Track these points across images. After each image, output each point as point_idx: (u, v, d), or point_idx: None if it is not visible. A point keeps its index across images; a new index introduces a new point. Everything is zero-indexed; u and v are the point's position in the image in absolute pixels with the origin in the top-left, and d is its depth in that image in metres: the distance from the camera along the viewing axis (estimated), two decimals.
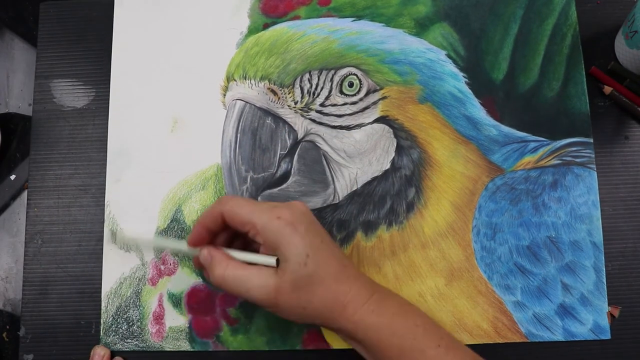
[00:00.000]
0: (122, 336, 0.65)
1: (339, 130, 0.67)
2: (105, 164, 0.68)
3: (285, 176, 0.66)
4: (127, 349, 0.64)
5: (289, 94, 0.66)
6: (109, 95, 0.70)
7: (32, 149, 0.69)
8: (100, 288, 0.66)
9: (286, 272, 0.50)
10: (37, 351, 0.65)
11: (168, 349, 0.64)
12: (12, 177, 0.70)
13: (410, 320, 0.51)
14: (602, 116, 0.68)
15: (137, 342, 0.64)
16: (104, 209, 0.67)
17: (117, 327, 0.65)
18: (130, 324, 0.65)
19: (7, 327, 0.67)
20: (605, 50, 0.70)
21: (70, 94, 0.70)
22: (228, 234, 0.57)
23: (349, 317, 0.51)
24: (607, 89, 0.67)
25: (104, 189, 0.68)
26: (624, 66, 0.68)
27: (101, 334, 0.65)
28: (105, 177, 0.68)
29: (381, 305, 0.51)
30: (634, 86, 0.68)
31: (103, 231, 0.67)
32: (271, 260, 0.52)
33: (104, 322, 0.65)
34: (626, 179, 0.66)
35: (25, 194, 0.69)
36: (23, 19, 0.74)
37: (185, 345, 0.64)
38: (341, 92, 0.67)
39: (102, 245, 0.67)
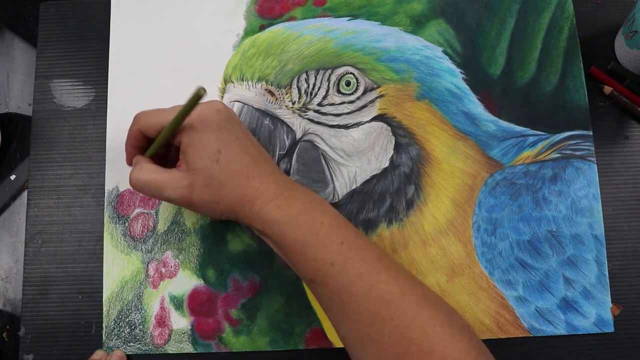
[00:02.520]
0: (124, 340, 0.61)
1: (337, 129, 0.63)
2: (105, 164, 0.65)
3: None
4: (130, 353, 0.60)
5: (286, 94, 0.63)
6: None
7: (32, 149, 0.66)
8: (100, 288, 0.62)
9: (199, 169, 0.49)
10: (37, 351, 0.61)
11: (171, 352, 0.60)
12: (12, 177, 0.67)
13: (317, 217, 0.50)
14: (602, 116, 0.64)
15: (139, 346, 0.60)
16: (103, 209, 0.64)
17: (119, 330, 0.61)
18: (133, 327, 0.61)
19: (7, 327, 0.63)
20: (605, 50, 0.66)
21: (70, 94, 0.67)
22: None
23: (257, 211, 0.50)
24: (607, 89, 0.64)
25: (104, 189, 0.64)
26: (624, 66, 0.65)
27: (103, 338, 0.61)
28: (105, 177, 0.65)
29: (289, 201, 0.50)
30: (634, 86, 0.64)
31: (103, 231, 0.63)
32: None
33: (105, 326, 0.61)
34: (626, 179, 0.63)
35: (25, 194, 0.66)
36: (23, 19, 0.71)
37: (188, 348, 0.60)
38: (338, 92, 0.63)
39: (102, 245, 0.63)
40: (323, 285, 0.48)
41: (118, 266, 0.62)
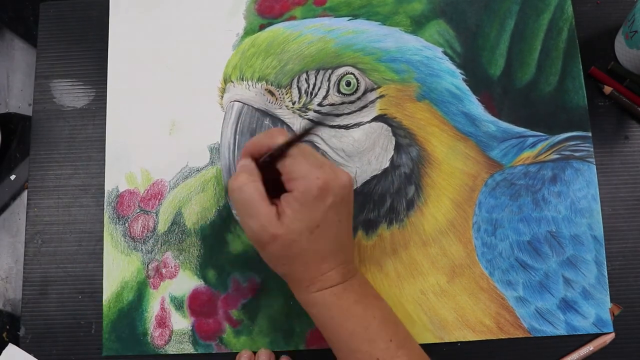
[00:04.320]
0: (124, 341, 0.59)
1: (337, 129, 0.61)
2: (105, 164, 0.63)
3: None
4: (130, 354, 0.59)
5: (286, 94, 0.61)
6: None
7: (32, 149, 0.64)
8: (100, 288, 0.60)
9: (292, 230, 0.46)
10: (37, 351, 0.60)
11: (171, 352, 0.59)
12: (12, 177, 0.65)
13: (369, 311, 0.49)
14: (602, 116, 0.63)
15: (140, 347, 0.59)
16: (103, 209, 0.62)
17: (119, 332, 0.59)
18: (133, 328, 0.59)
19: (7, 327, 0.61)
20: (605, 50, 0.64)
21: (70, 94, 0.65)
22: None
23: (310, 291, 0.49)
24: (607, 89, 0.62)
25: (104, 189, 0.63)
26: (624, 66, 0.63)
27: (104, 339, 0.59)
28: (105, 177, 0.63)
29: (346, 291, 0.49)
30: (634, 86, 0.63)
31: (103, 231, 0.61)
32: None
33: (106, 327, 0.59)
34: (626, 179, 0.61)
35: (25, 194, 0.64)
36: (23, 19, 0.69)
37: (188, 348, 0.59)
38: (339, 92, 0.61)
39: (102, 245, 0.61)
40: None
41: (118, 267, 0.60)
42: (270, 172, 0.48)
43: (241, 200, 0.47)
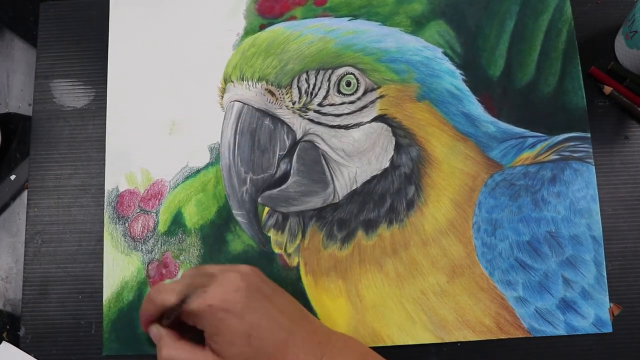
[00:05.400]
0: (124, 341, 0.58)
1: (337, 129, 0.60)
2: (105, 164, 0.63)
3: (285, 177, 0.60)
4: (130, 354, 0.58)
5: (286, 94, 0.60)
6: None
7: (32, 149, 0.64)
8: (100, 288, 0.60)
9: (233, 355, 0.46)
10: (37, 351, 0.59)
11: None
12: (12, 177, 0.65)
13: None
14: (602, 116, 0.62)
15: (140, 347, 0.58)
16: (103, 209, 0.61)
17: (119, 332, 0.59)
18: (133, 328, 0.58)
19: (7, 327, 0.61)
20: (605, 50, 0.64)
21: (70, 94, 0.65)
22: None
23: None
24: (607, 89, 0.62)
25: (104, 189, 0.62)
26: (624, 66, 0.63)
27: (104, 339, 0.59)
28: (105, 177, 0.63)
29: None
30: (634, 86, 0.62)
31: (103, 231, 0.61)
32: None
33: (105, 327, 0.59)
34: (626, 179, 0.61)
35: (25, 194, 0.64)
36: (23, 19, 0.69)
37: None
38: (339, 92, 0.61)
39: (102, 245, 0.61)
40: None
41: (118, 267, 0.60)
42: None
43: None
